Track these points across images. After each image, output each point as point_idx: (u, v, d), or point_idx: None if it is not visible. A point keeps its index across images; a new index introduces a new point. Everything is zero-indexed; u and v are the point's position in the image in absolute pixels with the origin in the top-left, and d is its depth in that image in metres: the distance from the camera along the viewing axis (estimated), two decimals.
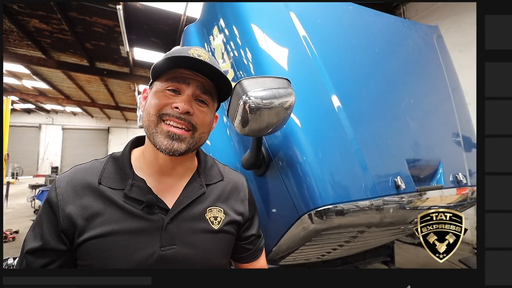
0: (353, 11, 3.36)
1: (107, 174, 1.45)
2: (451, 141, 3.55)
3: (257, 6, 2.84)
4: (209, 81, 1.50)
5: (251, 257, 1.84)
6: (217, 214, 1.57)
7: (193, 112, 1.42)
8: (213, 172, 1.71)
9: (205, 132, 1.52)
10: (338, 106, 2.59)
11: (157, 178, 1.51)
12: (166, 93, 1.42)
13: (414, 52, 3.80)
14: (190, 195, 1.52)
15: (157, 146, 1.39)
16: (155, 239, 1.38)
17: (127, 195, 1.39)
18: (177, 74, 1.44)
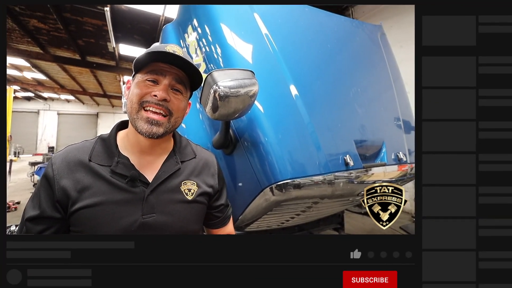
0: (308, 13, 3.40)
1: (96, 152, 1.49)
2: (393, 124, 3.62)
3: (226, 8, 2.88)
4: (183, 73, 1.55)
5: (220, 224, 1.90)
6: (191, 187, 1.63)
7: (170, 99, 1.47)
8: (187, 150, 1.76)
9: (180, 116, 1.57)
10: (296, 94, 2.65)
11: (139, 156, 1.56)
12: (146, 83, 1.47)
13: (361, 48, 3.87)
14: (167, 170, 1.58)
15: (138, 130, 1.44)
16: (137, 208, 1.43)
17: (114, 171, 1.44)
18: (155, 67, 1.49)
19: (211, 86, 1.99)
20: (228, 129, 2.43)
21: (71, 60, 16.49)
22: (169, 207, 1.52)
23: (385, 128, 3.45)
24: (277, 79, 2.68)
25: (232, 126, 2.55)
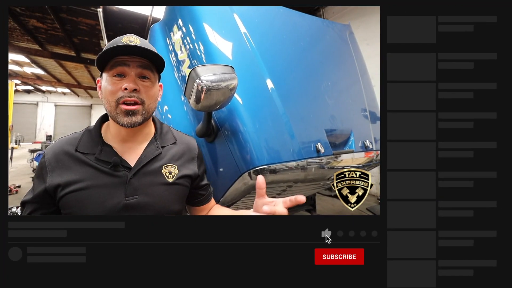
0: (283, 13, 3.40)
1: (82, 143, 1.51)
2: (360, 115, 3.65)
3: (208, 9, 2.86)
4: (145, 60, 1.50)
5: (205, 200, 1.91)
6: (172, 170, 1.62)
7: (139, 89, 1.45)
8: (167, 136, 1.75)
9: (152, 102, 1.55)
10: (272, 87, 2.65)
11: (122, 144, 1.56)
12: (113, 79, 1.43)
13: (331, 45, 3.87)
14: (149, 155, 1.57)
15: (119, 123, 1.43)
16: (121, 191, 1.44)
17: (98, 158, 1.46)
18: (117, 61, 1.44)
19: (195, 80, 1.99)
20: (210, 119, 2.42)
21: (67, 57, 16.42)
22: (150, 189, 1.52)
23: (353, 118, 3.46)
24: (254, 73, 2.68)
25: (213, 117, 2.54)
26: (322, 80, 3.26)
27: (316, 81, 3.21)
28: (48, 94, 34.20)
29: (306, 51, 3.37)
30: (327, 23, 4.17)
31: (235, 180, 2.46)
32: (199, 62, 2.70)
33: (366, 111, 3.72)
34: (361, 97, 3.78)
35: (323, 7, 11.55)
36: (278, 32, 3.23)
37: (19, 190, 10.06)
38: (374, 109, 3.90)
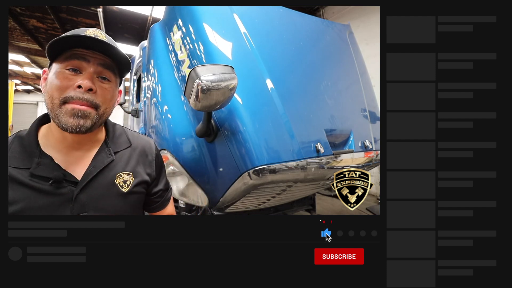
0: (283, 13, 3.41)
1: (12, 153, 1.21)
2: (360, 114, 3.65)
3: (208, 9, 2.88)
4: (109, 59, 1.29)
5: (159, 207, 1.70)
6: (126, 178, 1.41)
7: (95, 90, 1.21)
8: (121, 140, 1.50)
9: (109, 107, 1.31)
10: (271, 87, 2.66)
11: (66, 153, 1.29)
12: (66, 73, 1.18)
13: (331, 45, 3.87)
14: (99, 165, 1.33)
15: (63, 126, 1.17)
16: (65, 210, 1.22)
17: (33, 173, 1.17)
18: (75, 53, 1.21)
19: (195, 80, 1.99)
20: (210, 119, 2.43)
21: None
22: (102, 202, 1.31)
23: (352, 118, 3.46)
24: (254, 73, 2.69)
25: (213, 117, 2.55)
26: (322, 80, 3.27)
27: (315, 81, 3.21)
28: None
29: (306, 51, 3.37)
30: (327, 23, 4.17)
31: (234, 180, 2.46)
32: (199, 62, 2.70)
33: (365, 111, 3.72)
34: (360, 97, 3.79)
35: (323, 7, 11.54)
36: (278, 32, 3.24)
37: None
38: (373, 109, 3.90)
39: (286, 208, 4.18)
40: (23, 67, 20.14)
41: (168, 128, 2.98)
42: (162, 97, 3.21)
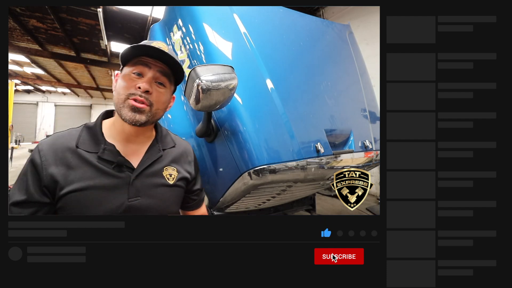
0: (283, 13, 3.41)
1: (82, 140, 1.44)
2: (360, 115, 3.65)
3: (208, 9, 2.88)
4: (167, 68, 1.50)
5: (195, 206, 1.91)
6: (172, 172, 1.62)
7: (152, 92, 1.43)
8: (167, 140, 1.74)
9: (160, 109, 1.52)
10: (271, 87, 2.65)
11: (124, 144, 1.51)
12: (131, 76, 1.42)
13: (331, 45, 3.88)
14: (151, 157, 1.56)
15: (122, 118, 1.40)
16: (123, 192, 1.40)
17: (100, 157, 1.40)
18: (141, 60, 1.44)
19: (195, 80, 2.01)
20: (210, 119, 2.44)
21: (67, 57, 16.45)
22: (152, 190, 1.50)
23: (352, 118, 3.46)
24: (254, 73, 2.69)
25: (213, 117, 2.55)
26: (322, 80, 3.27)
27: (315, 81, 3.21)
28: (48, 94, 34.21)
29: (306, 51, 3.37)
30: (327, 23, 4.17)
31: (235, 180, 2.46)
32: (199, 62, 2.71)
33: (365, 111, 3.72)
34: (360, 97, 3.78)
35: (323, 7, 11.55)
36: (278, 32, 3.23)
37: None
38: (373, 109, 3.90)
39: (286, 208, 4.18)
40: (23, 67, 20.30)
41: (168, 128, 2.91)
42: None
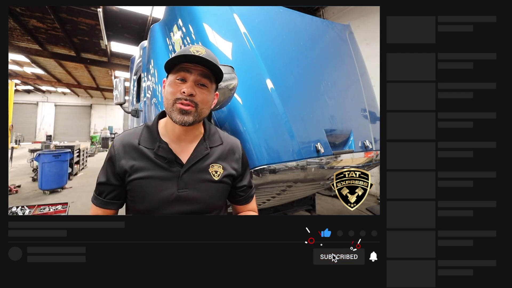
0: (283, 13, 3.42)
1: (143, 138, 1.65)
2: (360, 115, 3.66)
3: (208, 9, 2.90)
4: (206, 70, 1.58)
5: (243, 201, 1.94)
6: (218, 169, 1.71)
7: (196, 94, 1.53)
8: (215, 138, 1.83)
9: (205, 108, 1.62)
10: (271, 87, 2.67)
11: (175, 142, 1.66)
12: (176, 82, 1.54)
13: (331, 45, 3.89)
14: (198, 154, 1.67)
15: (173, 120, 1.52)
16: (174, 184, 1.57)
17: (156, 153, 1.59)
18: (182, 67, 1.55)
19: None
20: (210, 119, 2.45)
21: (67, 57, 16.47)
22: (199, 184, 1.62)
23: (352, 118, 3.47)
24: (254, 73, 2.70)
25: (213, 117, 2.56)
26: (322, 80, 3.28)
27: (315, 81, 3.22)
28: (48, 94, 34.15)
29: (306, 51, 3.38)
30: (327, 23, 4.18)
31: None
32: None
33: (365, 111, 3.73)
34: (360, 97, 3.79)
35: (323, 7, 11.55)
36: (278, 32, 3.24)
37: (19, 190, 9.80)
38: (373, 109, 3.91)
39: (286, 208, 4.20)
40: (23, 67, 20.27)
41: None
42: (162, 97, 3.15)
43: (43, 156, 9.20)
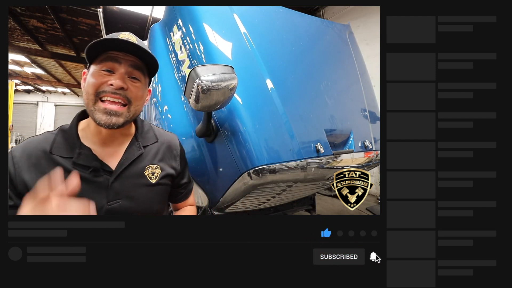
0: (283, 13, 3.42)
1: (57, 144, 1.38)
2: (360, 115, 3.66)
3: (208, 9, 2.88)
4: (139, 60, 1.44)
5: (184, 197, 1.88)
6: (154, 171, 1.57)
7: (127, 88, 1.36)
8: (149, 135, 1.66)
9: (139, 105, 1.47)
10: (271, 87, 2.67)
11: (101, 146, 1.46)
12: (101, 73, 1.34)
13: (331, 45, 3.89)
14: (130, 157, 1.49)
15: (96, 122, 1.33)
16: (102, 196, 1.37)
17: (75, 162, 1.34)
18: (109, 55, 1.37)
19: (195, 80, 2.01)
20: (210, 119, 2.44)
21: (67, 57, 16.42)
22: (133, 191, 1.47)
23: (352, 118, 3.47)
24: (254, 73, 2.70)
25: (213, 117, 2.56)
26: (322, 80, 3.28)
27: (315, 81, 3.22)
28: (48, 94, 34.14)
29: (306, 51, 3.38)
30: (327, 23, 4.18)
31: (234, 180, 2.47)
32: (199, 62, 2.71)
33: (365, 111, 3.73)
34: (360, 97, 3.79)
35: (323, 7, 11.56)
36: (278, 32, 3.24)
37: None
38: (373, 109, 3.91)
39: (286, 208, 4.19)
40: (23, 67, 20.22)
41: (168, 128, 2.97)
42: (162, 97, 3.22)
43: None
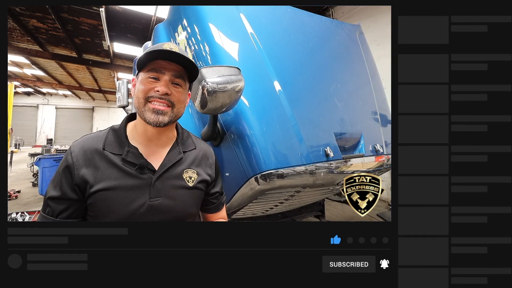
0: (291, 13, 3.42)
1: (108, 142, 1.55)
2: (371, 118, 3.64)
3: (214, 8, 2.90)
4: (180, 67, 1.58)
5: (215, 209, 1.93)
6: (192, 175, 1.69)
7: (171, 93, 1.52)
8: (188, 142, 1.80)
9: (181, 107, 1.61)
10: (279, 89, 2.66)
11: (146, 146, 1.61)
12: (148, 80, 1.51)
13: (341, 46, 3.88)
14: (172, 159, 1.63)
15: (146, 121, 1.49)
16: (145, 192, 1.49)
17: (124, 159, 1.51)
18: (155, 65, 1.53)
19: (200, 82, 2.02)
20: (216, 122, 2.45)
21: (68, 58, 16.52)
22: (172, 192, 1.58)
23: (363, 121, 3.46)
24: (261, 75, 2.70)
25: (219, 120, 2.56)
26: (331, 82, 3.27)
27: (325, 83, 3.21)
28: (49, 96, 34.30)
29: (315, 52, 3.38)
30: (336, 23, 4.18)
31: (241, 185, 2.47)
32: (204, 63, 2.72)
33: (376, 114, 3.71)
34: (371, 99, 3.78)
35: (332, 7, 11.56)
36: (286, 32, 3.25)
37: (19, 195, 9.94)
38: (384, 111, 3.89)
39: (294, 214, 4.18)
40: (23, 68, 20.39)
41: None
42: None
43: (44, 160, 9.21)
